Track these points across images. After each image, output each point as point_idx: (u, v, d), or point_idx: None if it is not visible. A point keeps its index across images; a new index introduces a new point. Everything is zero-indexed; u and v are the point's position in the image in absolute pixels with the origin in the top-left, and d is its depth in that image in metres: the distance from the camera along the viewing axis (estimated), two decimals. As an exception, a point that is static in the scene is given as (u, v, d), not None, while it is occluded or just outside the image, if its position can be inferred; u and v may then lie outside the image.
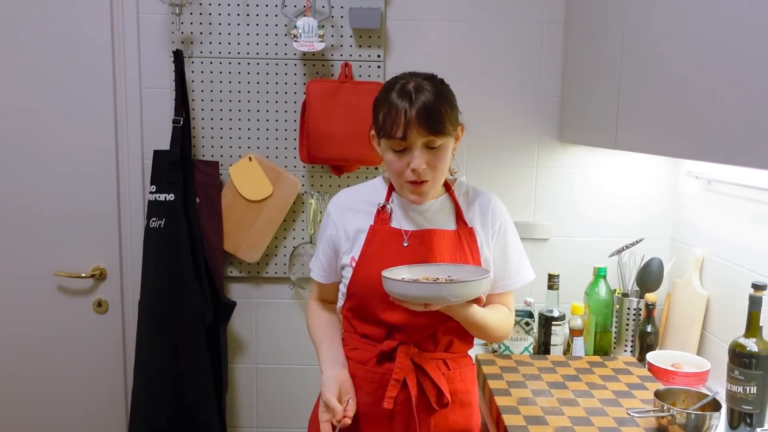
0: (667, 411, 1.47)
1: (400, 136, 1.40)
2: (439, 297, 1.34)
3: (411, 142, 1.40)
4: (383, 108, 1.44)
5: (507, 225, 1.60)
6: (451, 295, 1.34)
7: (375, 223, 1.53)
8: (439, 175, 1.47)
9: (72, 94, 2.17)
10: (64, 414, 2.31)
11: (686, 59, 1.37)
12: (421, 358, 1.50)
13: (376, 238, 1.51)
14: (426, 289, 1.33)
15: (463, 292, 1.35)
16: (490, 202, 1.59)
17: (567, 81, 2.16)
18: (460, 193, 1.60)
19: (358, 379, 1.53)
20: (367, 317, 1.52)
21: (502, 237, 1.58)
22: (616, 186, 2.23)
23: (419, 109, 1.38)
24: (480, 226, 1.56)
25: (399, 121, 1.39)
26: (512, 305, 1.63)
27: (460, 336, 1.55)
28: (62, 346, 2.28)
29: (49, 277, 2.24)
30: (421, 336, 1.51)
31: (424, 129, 1.39)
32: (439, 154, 1.44)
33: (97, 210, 2.22)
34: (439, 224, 1.54)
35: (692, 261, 2.02)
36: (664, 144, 1.48)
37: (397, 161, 1.44)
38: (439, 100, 1.42)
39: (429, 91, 1.41)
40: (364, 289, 1.49)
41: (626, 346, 2.08)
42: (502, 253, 1.58)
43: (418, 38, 2.17)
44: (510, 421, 1.55)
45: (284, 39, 2.13)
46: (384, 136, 1.43)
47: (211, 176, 2.15)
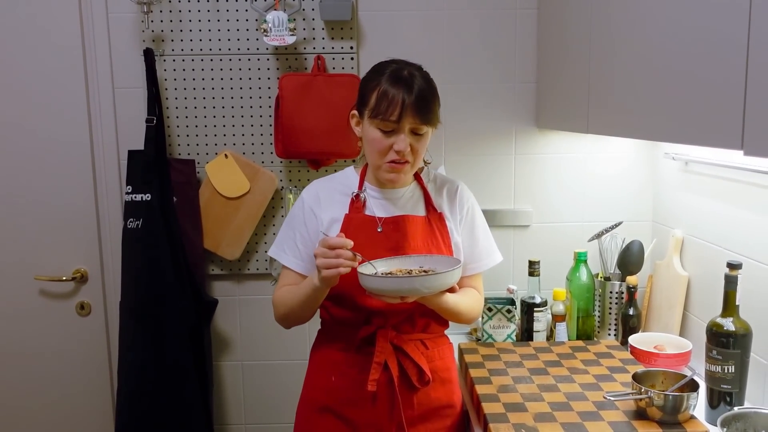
0: (645, 393, 1.47)
1: (395, 119, 1.46)
2: (412, 290, 1.37)
3: (402, 126, 1.47)
4: (377, 89, 1.49)
5: (474, 210, 1.67)
6: (425, 287, 1.38)
7: (350, 211, 1.58)
8: (418, 161, 1.54)
9: (45, 96, 2.15)
10: (50, 418, 2.30)
11: (653, 42, 1.37)
12: (400, 339, 1.56)
13: (351, 226, 1.56)
14: (401, 283, 1.37)
15: (437, 283, 1.39)
16: (458, 189, 1.67)
17: (541, 67, 2.14)
18: (428, 180, 1.66)
19: (339, 365, 1.59)
20: (345, 304, 1.56)
21: (469, 221, 1.65)
22: (595, 170, 2.23)
23: (417, 96, 1.46)
24: (449, 212, 1.63)
25: (396, 105, 1.45)
26: (481, 287, 1.70)
27: (436, 318, 1.61)
28: (46, 350, 2.27)
29: (30, 281, 2.23)
30: (398, 319, 1.57)
31: (418, 117, 1.46)
32: (422, 140, 1.52)
33: (75, 212, 2.21)
34: (411, 211, 1.60)
35: (672, 242, 2.02)
36: (634, 127, 1.48)
37: (382, 141, 1.49)
38: (432, 91, 1.52)
39: (423, 81, 1.50)
40: (342, 277, 1.49)
41: (609, 330, 2.08)
42: (471, 237, 1.65)
43: (391, 28, 2.15)
44: (489, 408, 1.54)
45: (255, 34, 2.11)
46: (376, 116, 1.48)
47: (187, 174, 2.14)
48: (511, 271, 2.25)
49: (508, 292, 2.12)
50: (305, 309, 1.55)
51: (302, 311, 1.55)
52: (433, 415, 1.60)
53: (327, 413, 1.60)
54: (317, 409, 1.62)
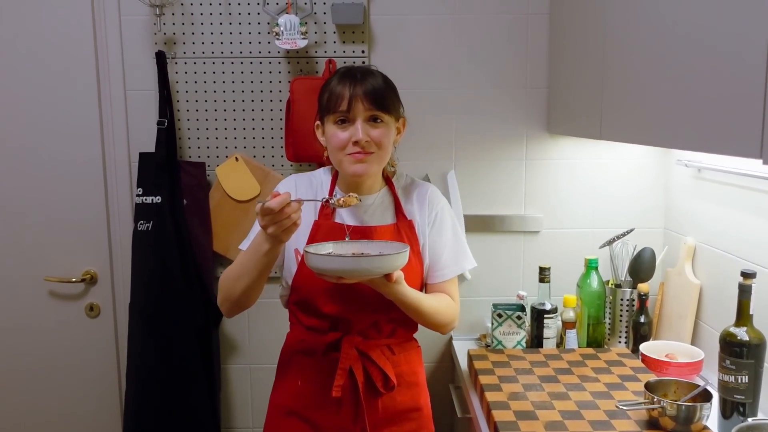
0: (657, 403, 1.45)
1: (344, 108, 1.47)
2: (350, 270, 1.34)
3: (354, 114, 1.48)
4: (327, 90, 1.52)
5: (443, 213, 1.64)
6: (362, 269, 1.34)
7: (319, 217, 1.58)
8: (383, 153, 1.53)
9: (57, 98, 2.15)
10: (59, 418, 2.31)
11: (669, 46, 1.35)
12: (365, 345, 1.57)
13: (319, 233, 1.55)
14: (337, 263, 1.34)
15: (376, 264, 1.35)
16: (427, 193, 1.65)
17: (553, 71, 2.13)
18: (399, 185, 1.66)
19: (306, 370, 1.60)
20: (311, 310, 1.57)
21: (438, 225, 1.63)
22: (606, 176, 2.21)
23: (365, 86, 1.48)
24: (419, 217, 1.62)
25: (344, 95, 1.48)
26: (455, 293, 1.65)
27: (403, 324, 1.61)
28: (56, 351, 2.27)
29: (40, 282, 2.23)
30: (364, 325, 1.57)
31: (369, 102, 1.47)
32: (382, 130, 1.50)
33: (86, 214, 2.21)
34: (380, 219, 1.60)
35: (684, 250, 2.00)
36: (649, 133, 1.46)
37: (340, 134, 1.49)
38: (385, 82, 1.53)
39: (374, 74, 1.52)
40: (307, 284, 1.53)
41: (620, 338, 2.06)
42: (439, 242, 1.62)
43: (402, 32, 2.15)
44: (500, 416, 1.53)
45: (267, 37, 2.11)
46: (329, 111, 1.50)
47: (197, 177, 2.14)
48: (521, 278, 2.24)
49: (518, 299, 2.11)
50: (254, 282, 1.46)
51: (251, 285, 1.47)
52: (399, 418, 1.61)
53: (293, 416, 1.61)
54: (284, 413, 1.63)
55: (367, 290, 1.47)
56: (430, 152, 2.19)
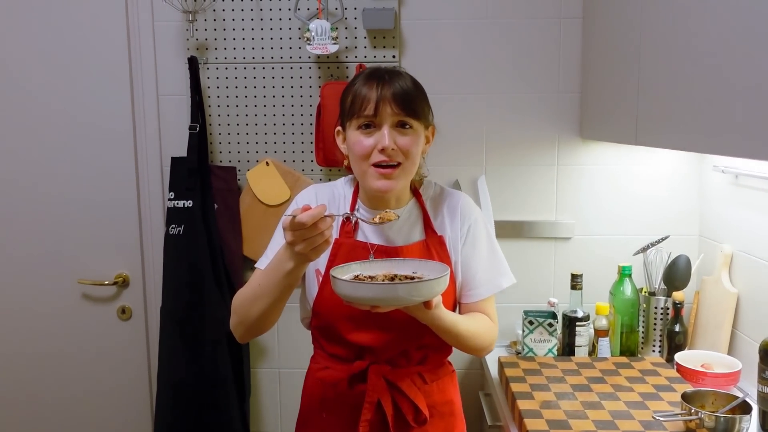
0: (695, 414, 1.42)
1: (371, 113, 1.33)
2: (392, 298, 1.19)
3: (381, 118, 1.34)
4: (351, 92, 1.39)
5: (477, 226, 1.49)
6: (400, 298, 1.19)
7: (340, 235, 1.43)
8: (411, 164, 1.38)
9: (92, 103, 2.19)
10: (91, 419, 2.34)
11: (708, 50, 1.33)
12: (394, 375, 1.43)
13: (341, 253, 1.41)
14: (371, 290, 1.18)
15: (414, 292, 1.20)
16: (458, 203, 1.50)
17: (586, 76, 2.11)
18: (428, 196, 1.51)
19: (330, 401, 1.47)
20: (334, 337, 1.44)
21: (471, 240, 1.48)
22: (640, 182, 2.18)
23: (394, 88, 1.35)
24: (450, 231, 1.48)
25: (370, 97, 1.34)
26: (493, 313, 1.50)
27: (435, 349, 1.47)
28: (88, 353, 2.30)
29: (74, 285, 2.26)
30: (392, 353, 1.43)
31: (397, 106, 1.34)
32: (411, 137, 1.36)
33: (118, 218, 2.24)
34: (407, 236, 1.45)
35: (721, 258, 1.96)
36: (686, 138, 1.43)
37: (364, 141, 1.35)
38: (415, 85, 1.40)
39: (403, 76, 1.39)
40: (329, 309, 1.41)
41: (654, 347, 2.02)
42: (473, 258, 1.48)
43: (433, 37, 2.14)
44: (532, 425, 1.51)
45: (298, 42, 2.12)
46: (352, 115, 1.36)
47: (228, 182, 2.15)
48: (552, 285, 2.21)
49: (549, 306, 2.08)
50: (273, 305, 1.32)
51: (269, 308, 1.32)
52: None
53: None
54: None
55: (396, 316, 1.31)
56: (460, 157, 2.17)
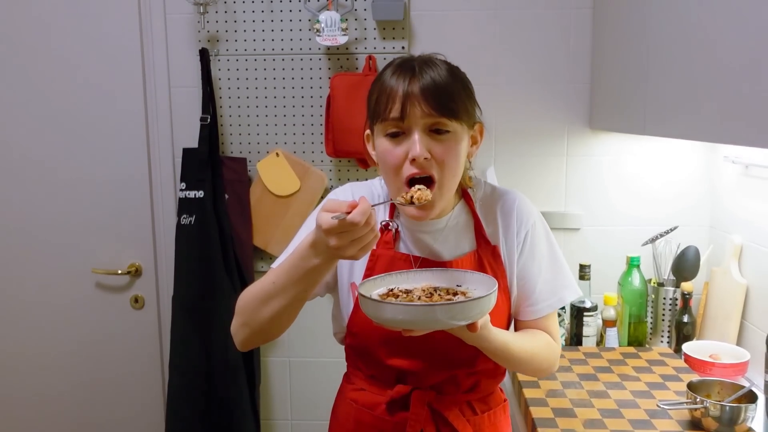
0: (701, 403, 1.43)
1: (396, 115, 1.11)
2: (422, 322, 1.01)
3: (410, 122, 1.12)
4: (377, 88, 1.17)
5: (536, 231, 1.28)
6: (437, 321, 1.00)
7: (378, 246, 1.23)
8: (449, 176, 1.15)
9: (104, 95, 2.22)
10: (103, 406, 2.38)
11: (716, 38, 1.32)
12: (440, 403, 1.25)
13: (378, 266, 1.23)
14: (404, 312, 1.00)
15: (453, 315, 1.01)
16: (514, 205, 1.28)
17: (596, 66, 2.10)
18: (477, 198, 1.29)
19: (365, 427, 1.29)
20: (371, 360, 1.27)
21: (529, 248, 1.27)
22: (650, 172, 2.17)
23: (425, 82, 1.12)
24: (503, 239, 1.27)
25: (395, 96, 1.12)
26: (555, 331, 1.31)
27: (488, 374, 1.28)
28: (101, 341, 2.34)
29: (88, 274, 2.30)
30: (439, 379, 1.25)
31: (429, 105, 1.11)
32: (447, 144, 1.14)
33: (131, 208, 2.27)
34: (454, 246, 1.25)
35: (730, 248, 1.95)
36: (694, 128, 1.43)
37: (393, 150, 1.14)
38: (453, 78, 1.16)
39: (440, 67, 1.15)
40: (366, 330, 1.22)
41: (662, 337, 2.02)
42: (531, 270, 1.27)
43: (443, 28, 2.14)
44: (538, 413, 1.52)
45: (308, 34, 2.13)
46: (377, 118, 1.15)
47: (239, 173, 2.18)
48: (561, 275, 2.21)
49: (557, 296, 2.08)
50: (288, 306, 1.11)
51: (283, 310, 1.12)
52: None
53: None
54: None
55: (443, 337, 1.12)
56: (469, 148, 2.18)
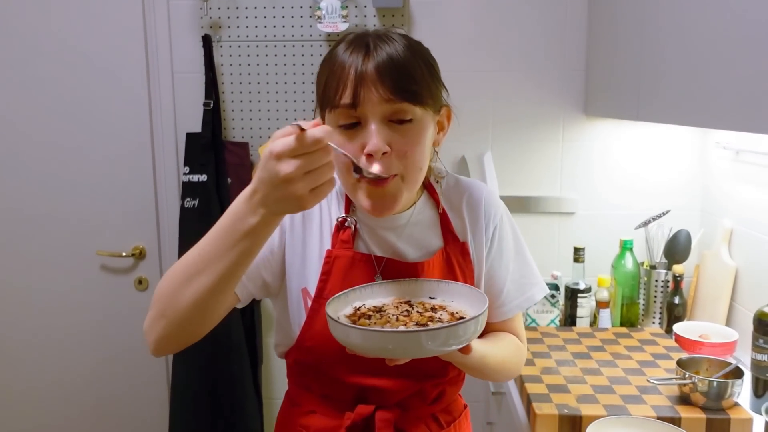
0: (689, 379, 1.48)
1: (348, 101, 0.94)
2: (407, 350, 0.89)
3: (365, 110, 0.95)
4: (326, 69, 1.00)
5: (503, 226, 1.18)
6: (426, 349, 0.88)
7: (334, 245, 1.08)
8: (414, 170, 1.00)
9: (108, 80, 2.25)
10: (108, 384, 2.43)
11: (708, 25, 1.36)
12: (405, 421, 1.12)
13: (336, 269, 1.07)
14: (386, 340, 0.87)
15: (452, 339, 0.89)
16: (482, 198, 1.16)
17: (591, 53, 2.15)
18: (442, 190, 1.17)
19: None
20: (327, 377, 1.10)
21: (498, 245, 1.17)
22: (643, 158, 2.22)
23: (380, 60, 0.94)
24: (472, 235, 1.15)
25: (346, 78, 0.95)
26: (522, 332, 1.23)
27: (451, 382, 1.18)
28: (106, 321, 2.39)
29: (93, 256, 2.35)
30: (405, 394, 1.12)
31: (387, 87, 0.94)
32: (410, 133, 0.98)
33: (135, 192, 2.31)
34: (421, 244, 1.12)
35: (721, 232, 2.01)
36: (686, 113, 1.48)
37: (347, 145, 0.96)
38: (413, 54, 0.98)
39: (397, 41, 0.98)
40: (322, 345, 1.04)
41: (654, 318, 2.08)
42: (499, 268, 1.17)
43: (441, 15, 2.18)
44: (533, 389, 1.58)
45: (309, 20, 2.17)
46: (326, 105, 0.98)
47: (241, 157, 2.22)
48: (556, 258, 2.27)
49: (551, 278, 2.14)
50: (217, 285, 0.91)
51: (210, 290, 0.91)
52: None
53: None
54: None
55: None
56: (467, 134, 2.22)
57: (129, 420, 2.45)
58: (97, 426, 2.45)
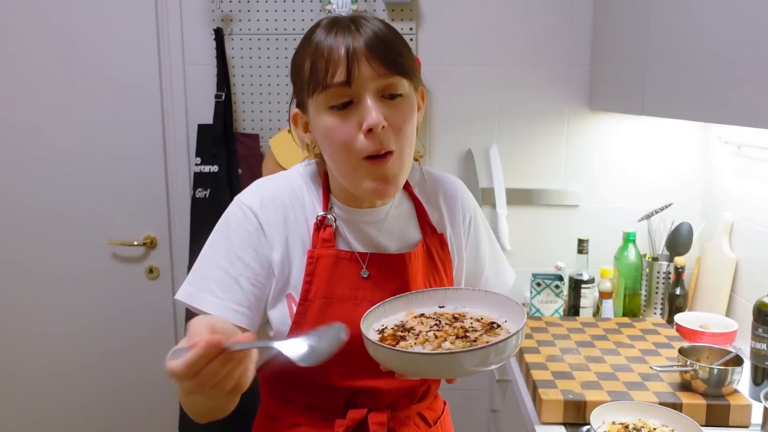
0: (690, 366, 1.53)
1: (342, 79, 0.94)
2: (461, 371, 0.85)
3: (359, 87, 0.95)
4: (309, 54, 0.98)
5: (477, 216, 1.22)
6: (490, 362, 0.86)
7: (315, 245, 1.05)
8: (407, 145, 1.00)
9: (120, 73, 2.29)
10: (120, 370, 2.48)
11: (713, 20, 1.39)
12: (395, 422, 1.12)
13: (320, 269, 1.04)
14: (452, 361, 0.84)
15: (505, 353, 0.87)
16: (457, 191, 1.20)
17: (596, 48, 2.18)
18: (415, 182, 1.17)
19: None
20: (311, 387, 1.07)
21: (473, 235, 1.21)
22: (646, 152, 2.26)
23: (368, 36, 0.96)
24: (450, 226, 1.18)
25: (337, 57, 0.94)
26: None
27: (435, 379, 1.19)
28: (117, 308, 2.44)
29: (105, 245, 2.39)
30: (398, 394, 1.12)
31: (380, 61, 0.95)
32: (402, 109, 0.98)
33: (146, 182, 2.36)
34: (401, 238, 1.12)
35: (722, 225, 2.05)
36: (690, 108, 1.51)
37: (342, 126, 0.96)
38: (393, 31, 1.01)
39: (374, 20, 1.00)
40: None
41: (655, 309, 2.13)
42: (477, 258, 1.22)
43: (449, 10, 2.21)
44: (538, 376, 1.62)
45: (319, 15, 2.20)
46: (316, 88, 0.96)
47: (252, 148, 2.26)
48: (560, 250, 2.31)
49: (555, 269, 2.19)
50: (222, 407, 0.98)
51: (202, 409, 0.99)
52: None
53: None
54: None
55: None
56: (473, 127, 2.26)
57: (140, 406, 2.49)
58: (108, 411, 2.50)
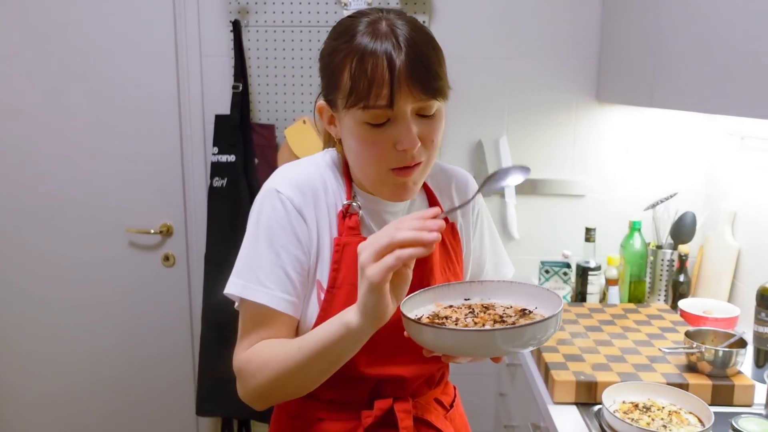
0: (697, 348, 1.59)
1: (384, 102, 0.94)
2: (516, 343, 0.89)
3: (400, 109, 0.96)
4: (348, 60, 0.96)
5: (483, 210, 1.26)
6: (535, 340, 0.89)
7: (341, 233, 1.07)
8: (434, 155, 1.04)
9: (138, 64, 2.33)
10: (136, 356, 2.54)
11: (720, 12, 1.44)
12: (418, 408, 1.13)
13: (347, 257, 1.05)
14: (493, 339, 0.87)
15: (549, 332, 0.90)
16: (467, 184, 1.23)
17: (605, 41, 2.24)
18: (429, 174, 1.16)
19: None
20: (338, 379, 1.02)
21: (480, 227, 1.25)
22: (651, 143, 2.32)
23: (411, 58, 0.94)
24: (460, 217, 1.21)
25: (381, 80, 0.94)
26: None
27: (447, 365, 1.21)
28: (134, 296, 2.50)
29: (122, 233, 2.44)
30: (420, 381, 1.14)
31: (419, 88, 0.95)
32: (435, 125, 1.01)
33: (163, 171, 2.40)
34: None
35: (725, 214, 2.12)
36: (698, 100, 1.56)
37: (377, 140, 0.98)
38: (433, 46, 0.99)
39: (415, 31, 0.97)
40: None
41: (660, 295, 2.20)
42: (481, 249, 1.26)
43: (461, 3, 2.26)
44: (550, 358, 1.69)
45: (334, 7, 2.25)
46: (356, 104, 0.96)
47: (268, 138, 2.31)
48: (567, 239, 2.37)
49: (563, 257, 2.25)
50: (319, 373, 0.98)
51: (311, 377, 0.99)
52: None
53: None
54: None
55: None
56: (483, 119, 2.32)
57: (156, 391, 2.55)
58: (124, 397, 2.56)
